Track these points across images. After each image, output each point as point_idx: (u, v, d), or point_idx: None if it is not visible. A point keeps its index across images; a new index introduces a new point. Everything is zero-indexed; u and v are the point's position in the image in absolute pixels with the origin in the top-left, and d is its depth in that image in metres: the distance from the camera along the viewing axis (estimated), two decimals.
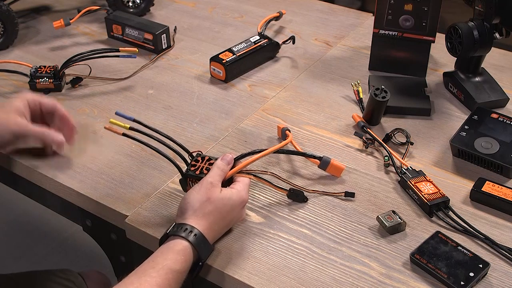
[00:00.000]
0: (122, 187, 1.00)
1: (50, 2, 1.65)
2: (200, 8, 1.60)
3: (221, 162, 0.90)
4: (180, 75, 1.31)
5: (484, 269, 0.83)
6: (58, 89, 1.23)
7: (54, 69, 1.23)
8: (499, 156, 1.00)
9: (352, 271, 0.85)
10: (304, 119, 1.16)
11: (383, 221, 0.90)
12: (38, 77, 1.22)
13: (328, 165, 1.00)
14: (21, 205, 2.15)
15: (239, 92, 1.24)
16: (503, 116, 1.07)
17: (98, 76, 1.28)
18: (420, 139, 1.10)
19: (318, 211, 0.95)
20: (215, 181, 0.87)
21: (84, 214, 1.06)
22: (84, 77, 1.26)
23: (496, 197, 0.94)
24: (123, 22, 1.41)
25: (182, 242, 0.81)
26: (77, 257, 1.98)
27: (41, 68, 1.24)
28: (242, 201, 0.88)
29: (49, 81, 1.22)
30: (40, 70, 1.23)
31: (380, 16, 1.24)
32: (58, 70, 1.23)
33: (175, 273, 0.78)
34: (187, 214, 0.84)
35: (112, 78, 1.28)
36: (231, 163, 0.91)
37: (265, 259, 0.87)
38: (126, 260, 1.09)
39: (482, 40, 1.14)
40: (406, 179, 0.97)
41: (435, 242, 0.87)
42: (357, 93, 1.19)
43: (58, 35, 1.47)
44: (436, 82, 1.26)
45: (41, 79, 1.22)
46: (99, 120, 1.16)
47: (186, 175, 0.92)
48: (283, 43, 1.37)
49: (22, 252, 2.01)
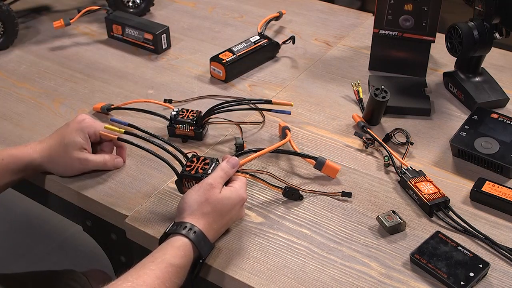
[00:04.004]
0: (122, 187, 1.00)
1: (50, 2, 1.65)
2: (200, 8, 1.60)
3: (226, 164, 0.90)
4: (180, 75, 1.31)
5: (484, 269, 0.83)
6: (198, 138, 1.10)
7: (197, 114, 1.10)
8: (499, 156, 1.00)
9: (352, 271, 0.85)
10: (304, 119, 1.16)
11: (383, 221, 0.90)
12: (178, 122, 1.09)
13: (323, 165, 1.00)
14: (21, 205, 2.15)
15: (239, 92, 1.24)
16: (503, 116, 1.07)
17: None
18: (420, 139, 1.10)
19: (318, 211, 0.95)
20: (216, 182, 0.87)
21: (84, 214, 1.06)
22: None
23: (496, 197, 0.93)
24: (123, 22, 1.41)
25: (181, 239, 0.81)
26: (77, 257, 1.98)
27: (183, 112, 1.10)
28: (241, 200, 0.88)
29: (190, 128, 1.09)
30: (181, 114, 1.10)
31: (380, 16, 1.24)
32: (201, 116, 1.09)
33: (174, 267, 0.78)
34: (186, 213, 0.84)
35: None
36: (237, 167, 0.91)
37: (265, 259, 0.87)
38: (126, 260, 1.09)
39: (482, 40, 1.14)
40: (406, 179, 0.97)
41: (435, 242, 0.87)
42: (357, 93, 1.19)
43: (58, 35, 1.47)
44: (436, 82, 1.26)
45: (181, 124, 1.09)
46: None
47: (181, 175, 0.92)
48: (283, 43, 1.37)
49: (22, 252, 2.01)
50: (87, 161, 0.99)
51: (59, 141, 0.98)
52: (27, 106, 1.22)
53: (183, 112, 1.10)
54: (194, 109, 1.11)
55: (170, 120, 1.10)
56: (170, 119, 1.10)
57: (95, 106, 1.18)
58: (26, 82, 1.30)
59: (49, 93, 1.26)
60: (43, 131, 1.13)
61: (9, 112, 1.20)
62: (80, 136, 0.98)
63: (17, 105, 1.22)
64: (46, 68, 1.34)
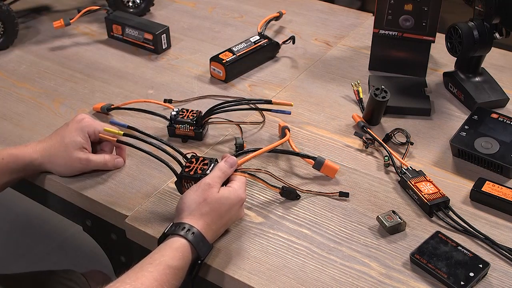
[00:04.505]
0: (122, 187, 1.00)
1: (50, 2, 1.65)
2: (200, 8, 1.60)
3: (223, 164, 0.90)
4: (180, 75, 1.31)
5: (484, 269, 0.83)
6: (198, 138, 1.10)
7: (197, 114, 1.10)
8: (499, 156, 1.00)
9: (352, 271, 0.85)
10: (304, 119, 1.16)
11: (383, 221, 0.90)
12: (178, 122, 1.09)
13: (322, 165, 1.00)
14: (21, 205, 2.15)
15: (239, 92, 1.24)
16: (503, 116, 1.07)
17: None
18: (420, 139, 1.10)
19: (318, 211, 0.95)
20: (214, 182, 0.87)
21: (84, 214, 1.06)
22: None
23: (496, 197, 0.93)
24: (123, 22, 1.41)
25: (180, 240, 0.81)
26: (77, 257, 1.98)
27: (183, 112, 1.11)
28: (239, 200, 0.88)
29: (190, 128, 1.09)
30: (181, 114, 1.10)
31: (380, 16, 1.24)
32: (201, 116, 1.09)
33: (172, 269, 0.78)
34: (184, 214, 0.84)
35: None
36: (235, 166, 0.91)
37: (265, 259, 0.87)
38: (126, 260, 1.09)
39: (482, 40, 1.14)
40: (406, 179, 0.97)
41: (435, 242, 0.87)
42: (357, 93, 1.19)
43: (58, 35, 1.47)
44: (436, 82, 1.26)
45: (181, 124, 1.09)
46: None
47: (180, 176, 0.92)
48: (283, 43, 1.37)
49: (22, 252, 2.01)
50: (87, 161, 0.99)
51: (59, 141, 0.98)
52: (27, 106, 1.22)
53: (183, 112, 1.10)
54: (194, 109, 1.11)
55: (170, 120, 1.10)
56: (170, 119, 1.10)
57: (95, 106, 1.18)
58: (26, 82, 1.30)
59: (49, 93, 1.26)
60: (43, 131, 1.13)
61: (9, 112, 1.20)
62: (80, 136, 0.98)
63: (17, 105, 1.22)
64: (46, 68, 1.34)
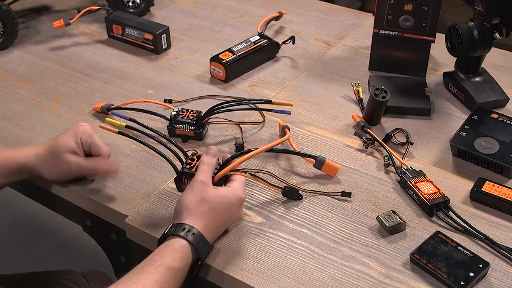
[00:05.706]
0: (122, 187, 1.00)
1: (50, 2, 1.65)
2: (200, 8, 1.60)
3: (206, 156, 0.90)
4: (180, 75, 1.31)
5: (484, 269, 0.83)
6: (198, 138, 1.10)
7: (197, 114, 1.10)
8: (499, 156, 1.00)
9: (352, 271, 0.85)
10: (304, 119, 1.16)
11: (383, 221, 0.90)
12: (178, 122, 1.09)
13: (323, 164, 1.00)
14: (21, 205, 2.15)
15: (239, 92, 1.24)
16: (503, 116, 1.07)
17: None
18: (420, 139, 1.10)
19: (318, 211, 0.95)
20: (205, 178, 0.87)
21: (84, 214, 1.06)
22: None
23: (496, 197, 0.93)
24: (123, 22, 1.41)
25: (180, 241, 0.81)
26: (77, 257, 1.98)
27: (183, 112, 1.11)
28: (239, 200, 0.88)
29: (190, 128, 1.09)
30: (181, 114, 1.10)
31: (380, 16, 1.24)
32: (201, 116, 1.09)
33: (173, 271, 0.78)
34: (183, 215, 0.84)
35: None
36: (216, 155, 0.91)
37: (265, 259, 0.87)
38: (126, 260, 1.09)
39: (482, 40, 1.14)
40: (406, 179, 0.97)
41: (435, 242, 0.87)
42: (357, 93, 1.19)
43: (58, 35, 1.47)
44: (436, 82, 1.26)
45: (181, 124, 1.09)
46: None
47: (181, 172, 0.92)
48: (283, 43, 1.37)
49: (22, 252, 2.00)
50: (76, 164, 0.97)
51: (54, 144, 0.98)
52: (27, 106, 1.22)
53: (183, 112, 1.10)
54: (194, 109, 1.11)
55: (170, 120, 1.10)
56: (170, 119, 1.10)
57: (95, 106, 1.18)
58: (26, 82, 1.30)
59: (49, 93, 1.26)
60: (43, 131, 1.13)
61: (9, 112, 1.20)
62: (73, 140, 0.97)
63: (17, 105, 1.22)
64: (46, 68, 1.34)
